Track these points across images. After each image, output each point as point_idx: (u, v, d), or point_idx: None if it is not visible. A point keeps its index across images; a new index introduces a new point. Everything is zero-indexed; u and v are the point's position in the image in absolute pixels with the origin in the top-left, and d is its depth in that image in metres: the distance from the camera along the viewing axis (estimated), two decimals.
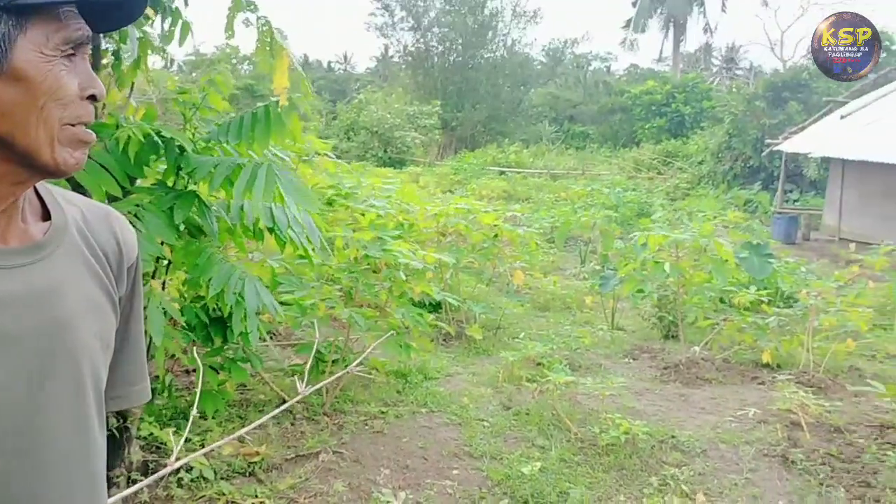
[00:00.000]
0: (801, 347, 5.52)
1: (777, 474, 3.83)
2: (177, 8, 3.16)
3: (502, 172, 21.07)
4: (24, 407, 0.86)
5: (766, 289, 6.32)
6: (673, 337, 6.46)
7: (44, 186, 0.97)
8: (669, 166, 20.81)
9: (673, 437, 4.17)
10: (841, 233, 13.62)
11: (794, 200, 16.86)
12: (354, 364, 3.99)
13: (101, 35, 2.94)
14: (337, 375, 3.75)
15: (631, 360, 5.98)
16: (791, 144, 15.33)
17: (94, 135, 0.90)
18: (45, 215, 0.96)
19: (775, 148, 15.91)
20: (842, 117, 14.78)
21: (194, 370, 4.17)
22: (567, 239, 10.59)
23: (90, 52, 0.91)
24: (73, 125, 0.86)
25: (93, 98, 0.87)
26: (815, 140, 14.63)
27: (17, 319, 0.86)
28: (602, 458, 3.92)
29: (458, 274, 7.05)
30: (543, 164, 23.24)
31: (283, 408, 3.57)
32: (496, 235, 6.95)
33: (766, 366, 5.56)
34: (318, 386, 3.65)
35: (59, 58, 0.83)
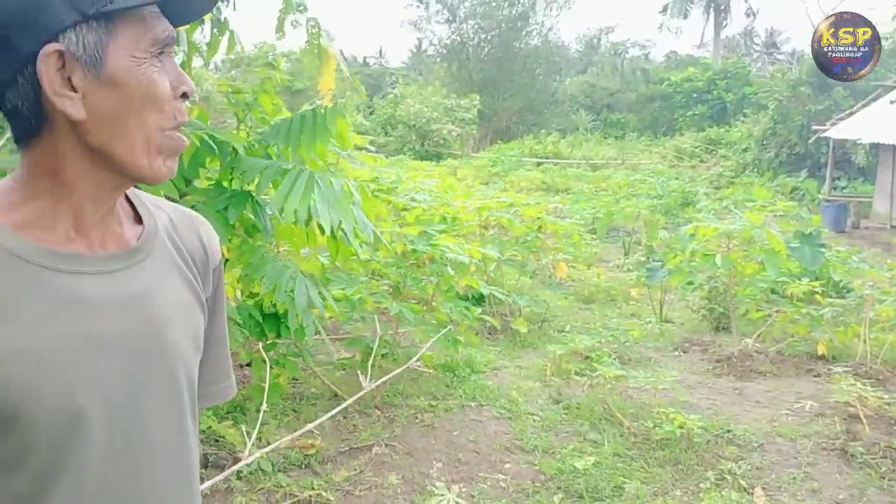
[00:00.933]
0: (858, 339, 5.40)
1: (836, 468, 3.76)
2: (226, 18, 3.19)
3: (540, 163, 20.93)
4: (126, 408, 0.88)
5: (818, 279, 6.19)
6: (724, 329, 6.36)
7: (132, 191, 0.99)
8: (712, 154, 20.48)
9: (728, 431, 4.11)
10: (892, 220, 13.28)
11: (843, 188, 16.46)
12: (414, 360, 4.02)
13: None
14: (398, 371, 3.77)
15: (681, 353, 5.91)
16: (838, 130, 14.97)
17: (186, 141, 0.91)
18: (137, 220, 0.98)
19: (822, 134, 15.55)
20: (891, 102, 14.37)
21: (248, 364, 4.23)
22: (609, 230, 10.50)
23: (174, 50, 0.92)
24: (170, 129, 0.87)
25: (185, 96, 0.89)
26: (864, 126, 14.26)
27: (116, 322, 0.88)
28: (656, 452, 3.88)
29: (501, 267, 7.03)
30: (581, 155, 23.04)
31: (346, 404, 3.60)
32: (539, 228, 6.91)
33: (822, 358, 5.45)
34: (382, 381, 3.68)
35: (150, 59, 0.84)
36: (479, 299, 6.31)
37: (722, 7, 41.85)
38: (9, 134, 2.11)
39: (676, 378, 4.58)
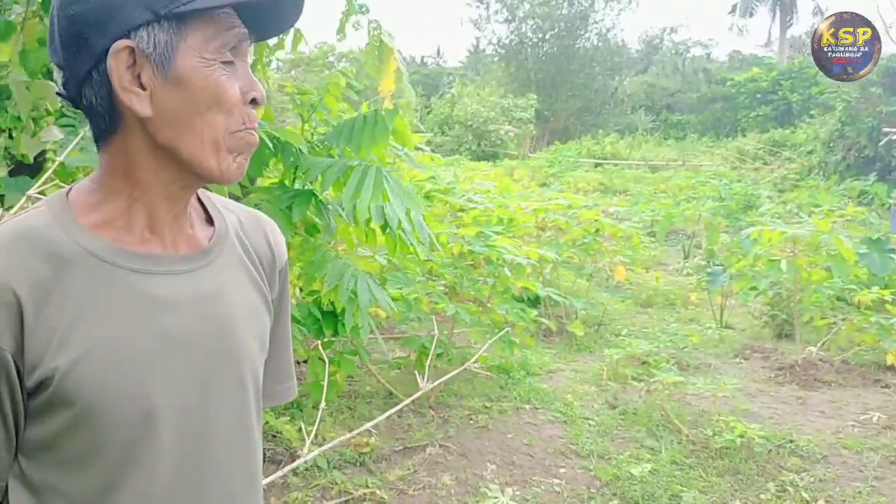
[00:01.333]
0: None
1: None
2: None
3: (598, 164, 20.67)
4: (196, 408, 0.90)
5: (888, 286, 5.96)
6: (786, 336, 6.19)
7: (203, 193, 1.01)
8: (776, 156, 19.91)
9: (791, 441, 3.99)
10: None
11: None
12: (472, 360, 4.02)
13: None
14: (455, 372, 3.78)
15: (742, 361, 5.77)
16: None
17: (257, 138, 0.91)
18: (207, 220, 1.00)
19: (894, 137, 14.96)
20: None
21: (304, 361, 4.29)
22: (668, 233, 10.31)
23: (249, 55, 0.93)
24: (238, 132, 0.87)
25: (255, 102, 0.89)
26: None
27: (188, 322, 0.89)
28: (715, 461, 3.80)
29: (557, 269, 6.98)
30: (640, 156, 22.65)
31: (403, 404, 3.63)
32: (597, 230, 6.84)
33: (890, 368, 5.25)
34: (438, 382, 3.69)
35: (219, 62, 0.85)
36: (535, 301, 6.28)
37: (788, 6, 40.66)
38: (82, 134, 2.19)
39: (737, 385, 4.47)
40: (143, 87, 0.83)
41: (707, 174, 16.41)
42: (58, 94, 0.88)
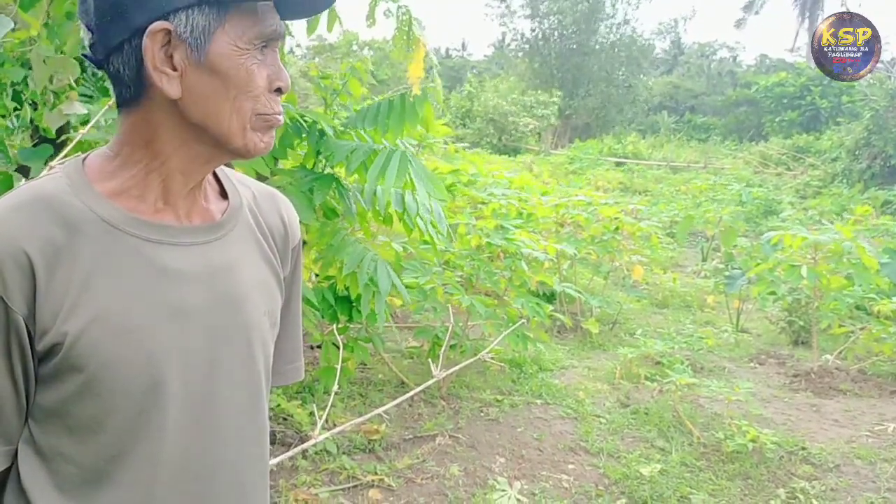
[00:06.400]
0: None
1: None
2: None
3: (619, 163, 20.56)
4: (203, 378, 0.90)
5: None
6: (803, 343, 6.13)
7: (219, 168, 1.01)
8: (800, 162, 19.69)
9: (803, 448, 3.95)
10: None
11: None
12: (485, 352, 4.01)
13: None
14: (468, 362, 3.78)
15: (757, 365, 5.72)
16: None
17: (282, 117, 0.92)
18: (222, 195, 1.00)
19: None
20: None
21: (318, 346, 4.30)
22: (688, 234, 10.24)
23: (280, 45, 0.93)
24: (264, 114, 0.88)
25: (279, 91, 0.89)
26: None
27: (198, 294, 0.90)
28: (726, 465, 3.77)
29: (575, 266, 6.95)
30: (662, 156, 22.50)
31: (414, 392, 3.64)
32: (617, 228, 6.80)
33: None
34: (452, 371, 3.70)
35: (252, 51, 0.85)
36: (551, 297, 6.26)
37: (818, 13, 40.17)
38: (104, 110, 2.20)
39: (751, 390, 4.43)
40: (174, 68, 0.83)
41: (728, 178, 16.27)
42: (83, 54, 0.88)
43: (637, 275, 7.10)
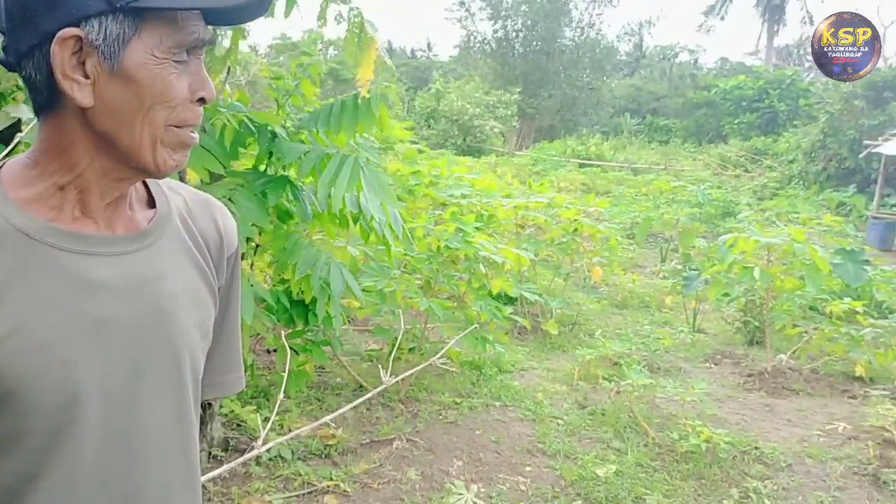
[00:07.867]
0: None
1: (867, 494, 3.65)
2: None
3: (582, 165, 20.73)
4: (124, 392, 0.87)
5: (860, 298, 6.02)
6: (757, 343, 6.23)
7: None
8: (758, 164, 20.06)
9: (756, 448, 4.02)
10: None
11: (892, 205, 16.00)
12: (438, 356, 4.00)
13: None
14: (421, 367, 3.76)
15: (712, 365, 5.80)
16: (892, 146, 14.55)
17: (197, 137, 0.89)
18: (150, 203, 0.96)
19: (874, 150, 15.13)
20: None
21: (275, 350, 4.25)
22: (647, 235, 10.35)
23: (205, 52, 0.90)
24: (177, 127, 0.85)
25: (202, 101, 0.86)
26: None
27: (121, 305, 0.86)
28: (680, 465, 3.81)
29: (535, 267, 6.98)
30: (624, 158, 22.76)
31: (367, 397, 3.60)
32: (576, 230, 6.84)
33: (858, 379, 5.30)
34: (401, 377, 3.67)
35: (171, 60, 0.82)
36: (512, 299, 6.27)
37: (776, 16, 40.98)
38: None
39: (705, 390, 4.48)
40: (86, 76, 0.80)
41: (688, 179, 16.49)
42: None
43: (597, 276, 7.16)
